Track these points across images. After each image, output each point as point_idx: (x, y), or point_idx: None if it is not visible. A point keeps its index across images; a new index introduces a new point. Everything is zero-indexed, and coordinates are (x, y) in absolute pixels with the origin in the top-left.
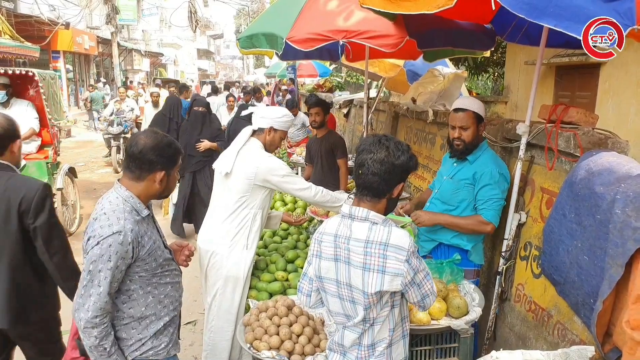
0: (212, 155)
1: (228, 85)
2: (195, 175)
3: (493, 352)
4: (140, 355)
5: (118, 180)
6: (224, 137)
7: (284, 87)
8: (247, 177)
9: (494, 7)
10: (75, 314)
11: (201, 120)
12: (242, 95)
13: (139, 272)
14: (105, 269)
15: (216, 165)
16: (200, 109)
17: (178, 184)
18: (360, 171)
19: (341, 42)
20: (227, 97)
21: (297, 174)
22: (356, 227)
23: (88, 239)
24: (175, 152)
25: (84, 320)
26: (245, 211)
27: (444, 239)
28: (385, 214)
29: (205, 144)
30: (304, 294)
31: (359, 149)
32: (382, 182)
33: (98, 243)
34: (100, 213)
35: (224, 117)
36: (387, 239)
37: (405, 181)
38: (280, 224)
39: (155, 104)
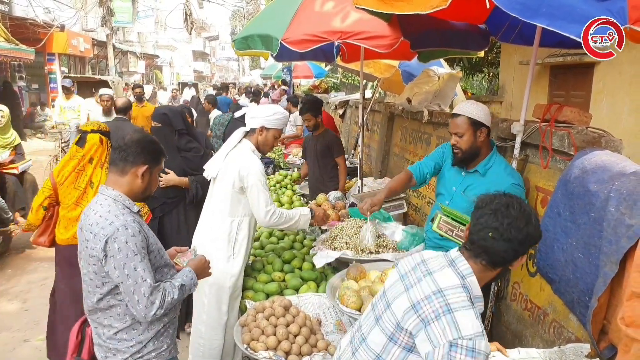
0: (180, 195)
1: (226, 86)
2: (164, 222)
3: None
4: (141, 357)
5: (102, 185)
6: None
7: (282, 88)
8: (229, 182)
9: (488, 6)
10: (140, 315)
11: (164, 142)
12: (236, 97)
13: None
14: (132, 256)
15: (205, 168)
16: (154, 125)
17: None
18: (490, 234)
19: (336, 43)
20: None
21: (292, 174)
22: (448, 273)
23: (88, 244)
24: (159, 151)
25: (148, 314)
26: (229, 219)
27: (453, 247)
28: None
29: (168, 179)
30: None
31: (486, 204)
32: (512, 251)
33: (107, 242)
34: (95, 217)
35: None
36: (457, 309)
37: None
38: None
39: (107, 111)
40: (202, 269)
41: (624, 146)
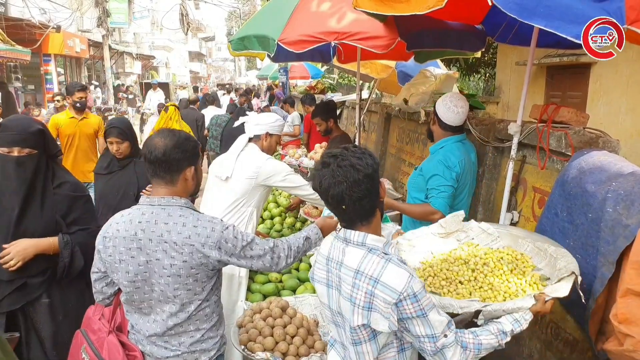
0: (50, 266)
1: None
2: (31, 318)
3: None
4: (220, 348)
5: (162, 197)
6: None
7: (276, 90)
8: (247, 177)
9: (490, 3)
10: (275, 271)
11: (28, 179)
12: (234, 97)
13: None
14: (246, 243)
15: (212, 169)
16: (19, 153)
17: None
18: (344, 206)
19: (333, 44)
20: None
21: None
22: (350, 252)
23: (193, 256)
24: (195, 145)
25: (281, 268)
26: (243, 209)
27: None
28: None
29: (21, 250)
30: None
31: (321, 185)
32: (370, 200)
33: (220, 247)
34: (187, 230)
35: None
36: (379, 274)
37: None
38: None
39: None
40: (329, 226)
41: (621, 146)
